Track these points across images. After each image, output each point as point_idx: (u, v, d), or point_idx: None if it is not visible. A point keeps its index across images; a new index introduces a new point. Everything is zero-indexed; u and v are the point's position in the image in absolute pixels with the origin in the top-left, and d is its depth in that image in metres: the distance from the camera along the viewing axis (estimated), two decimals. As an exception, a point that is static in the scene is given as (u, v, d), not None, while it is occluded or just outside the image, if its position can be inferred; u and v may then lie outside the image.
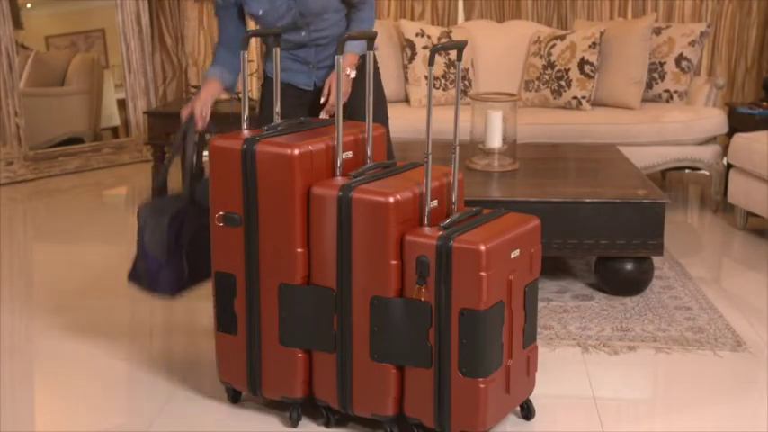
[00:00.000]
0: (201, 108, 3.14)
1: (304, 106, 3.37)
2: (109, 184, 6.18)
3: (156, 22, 6.73)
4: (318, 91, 3.37)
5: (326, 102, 3.27)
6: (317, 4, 3.25)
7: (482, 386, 2.52)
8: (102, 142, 6.59)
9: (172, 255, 3.00)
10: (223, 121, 3.55)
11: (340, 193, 2.57)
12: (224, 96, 3.59)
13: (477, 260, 2.46)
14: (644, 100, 5.62)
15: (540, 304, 3.68)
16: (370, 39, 2.84)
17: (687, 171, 6.15)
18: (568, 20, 6.31)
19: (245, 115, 2.87)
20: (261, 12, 3.21)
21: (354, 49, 3.26)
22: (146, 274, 3.07)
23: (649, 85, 5.64)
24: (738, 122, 5.45)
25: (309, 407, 2.80)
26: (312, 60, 3.35)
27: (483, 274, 2.46)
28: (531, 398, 2.83)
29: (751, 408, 2.99)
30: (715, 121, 5.37)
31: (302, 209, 2.64)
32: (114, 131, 6.81)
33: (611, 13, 6.29)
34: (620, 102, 5.53)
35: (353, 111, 3.29)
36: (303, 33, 3.29)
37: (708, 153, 5.33)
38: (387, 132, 3.33)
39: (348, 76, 3.25)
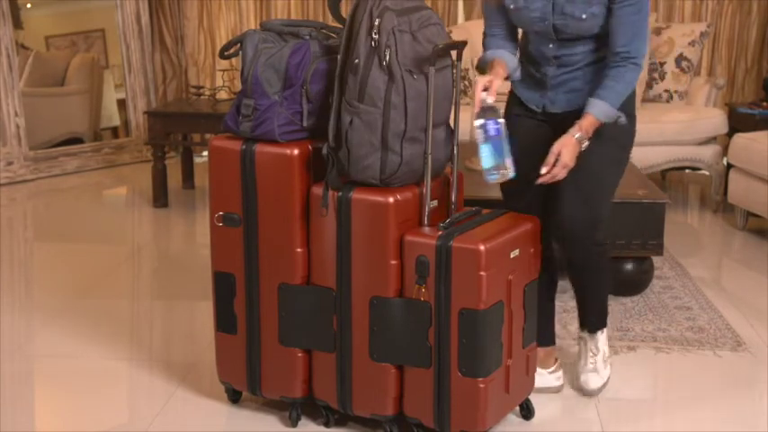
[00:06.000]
0: (488, 81, 2.62)
1: (533, 128, 2.85)
2: (109, 184, 6.18)
3: (156, 22, 6.73)
4: (548, 116, 2.83)
5: (547, 173, 2.64)
6: (576, 26, 2.69)
7: (482, 386, 2.52)
8: (102, 142, 6.59)
9: (288, 90, 2.63)
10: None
11: (340, 193, 2.57)
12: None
13: (476, 260, 2.45)
14: (644, 100, 5.62)
15: (540, 304, 3.68)
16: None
17: (687, 171, 6.15)
18: (568, 20, 6.31)
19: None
20: (512, 6, 2.74)
21: (598, 111, 2.66)
22: (252, 112, 2.65)
23: (649, 85, 5.64)
24: (738, 122, 5.45)
25: (309, 407, 2.80)
26: (548, 79, 2.79)
27: (482, 273, 2.45)
28: (530, 397, 2.83)
29: (751, 408, 2.98)
30: (715, 121, 5.37)
31: (302, 209, 2.64)
32: (114, 131, 6.81)
33: (611, 13, 6.28)
34: (621, 102, 5.52)
35: (560, 186, 2.71)
36: (551, 46, 2.76)
37: (708, 153, 5.33)
38: (588, 211, 2.75)
39: (579, 143, 2.64)
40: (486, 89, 2.60)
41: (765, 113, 5.41)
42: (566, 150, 2.62)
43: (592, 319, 3.00)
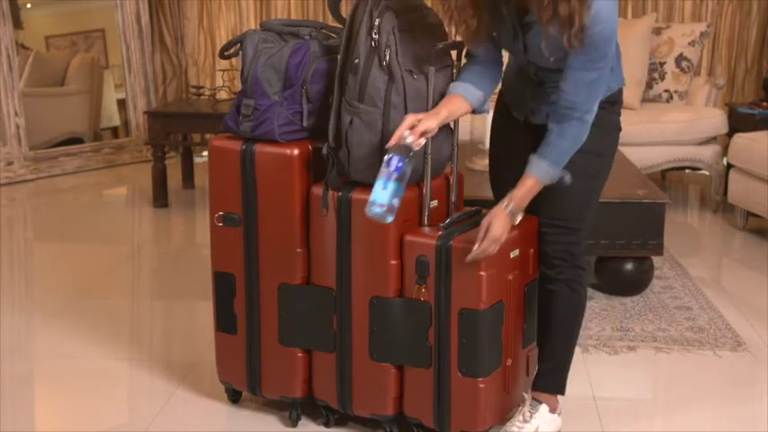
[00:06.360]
0: (416, 120, 2.40)
1: (514, 129, 2.71)
2: (109, 184, 6.18)
3: (156, 22, 6.73)
4: (529, 125, 2.66)
5: (477, 248, 2.43)
6: (548, 64, 2.50)
7: (481, 386, 2.52)
8: (102, 142, 6.59)
9: (288, 90, 2.62)
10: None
11: (340, 193, 2.57)
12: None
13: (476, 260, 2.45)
14: (644, 100, 5.62)
15: (540, 304, 3.68)
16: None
17: (687, 171, 6.15)
18: (568, 20, 6.30)
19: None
20: (494, 33, 2.53)
21: (539, 171, 2.45)
22: (252, 112, 2.62)
23: (649, 85, 5.65)
24: (738, 122, 5.45)
25: (309, 407, 2.80)
26: (529, 92, 2.63)
27: (482, 273, 2.45)
28: (530, 398, 2.83)
29: (751, 408, 2.99)
30: (715, 121, 5.38)
31: (302, 209, 2.64)
32: (114, 131, 6.81)
33: (611, 13, 6.27)
34: (621, 102, 5.52)
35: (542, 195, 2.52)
36: (533, 68, 2.59)
37: (708, 153, 5.33)
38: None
39: (511, 216, 2.45)
40: (413, 127, 2.39)
41: (765, 113, 5.41)
42: (496, 223, 2.41)
43: (546, 370, 2.70)
